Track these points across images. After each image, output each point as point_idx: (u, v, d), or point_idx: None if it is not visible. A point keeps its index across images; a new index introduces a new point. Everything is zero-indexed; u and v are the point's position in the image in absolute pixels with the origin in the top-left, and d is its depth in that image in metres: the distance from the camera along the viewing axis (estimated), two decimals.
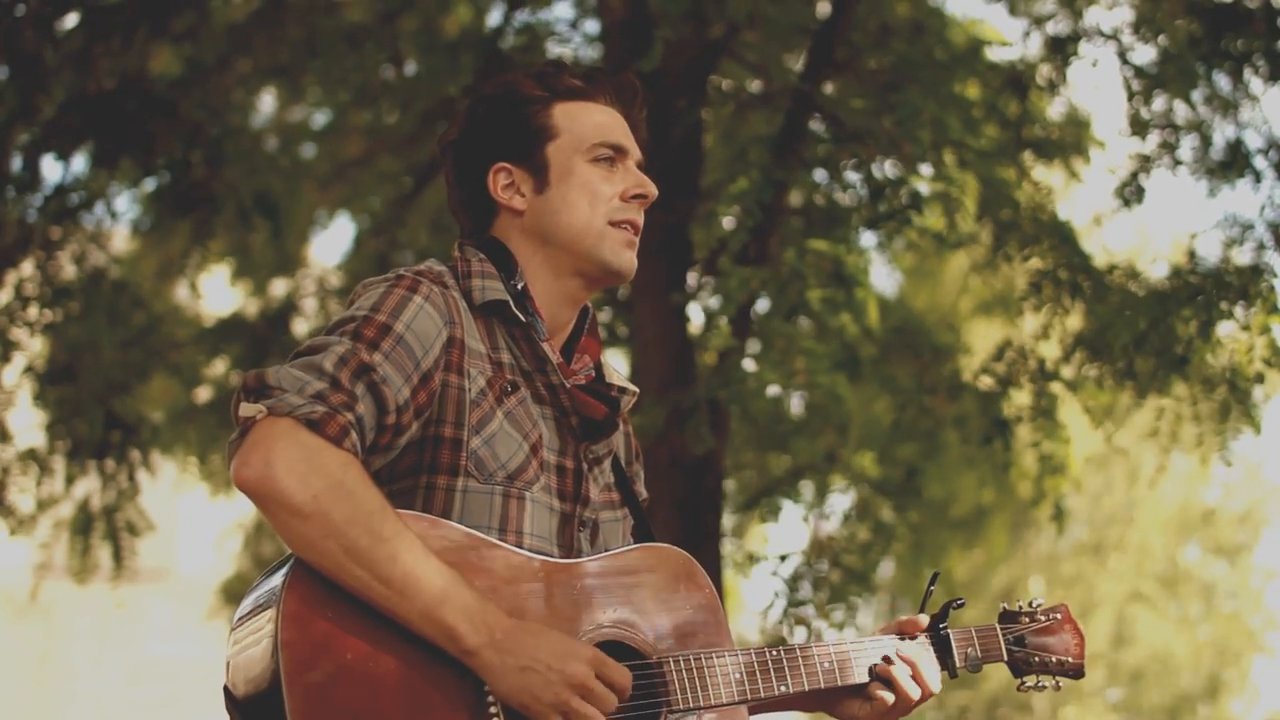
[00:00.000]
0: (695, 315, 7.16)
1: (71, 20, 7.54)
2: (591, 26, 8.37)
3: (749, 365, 6.47)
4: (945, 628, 2.60)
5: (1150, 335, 5.54)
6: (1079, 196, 8.23)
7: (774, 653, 2.41)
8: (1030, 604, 2.74)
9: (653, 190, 2.48)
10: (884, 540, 7.65)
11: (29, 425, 7.69)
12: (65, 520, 7.75)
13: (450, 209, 2.57)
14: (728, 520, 7.92)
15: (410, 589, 2.08)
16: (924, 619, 2.61)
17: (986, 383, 6.41)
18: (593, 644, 2.23)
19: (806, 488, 7.99)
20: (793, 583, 7.10)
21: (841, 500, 8.15)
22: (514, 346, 2.39)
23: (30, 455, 7.43)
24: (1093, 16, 6.87)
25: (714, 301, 6.61)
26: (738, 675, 2.35)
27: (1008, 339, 6.45)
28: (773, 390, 6.66)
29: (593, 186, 2.43)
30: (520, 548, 2.27)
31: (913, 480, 7.25)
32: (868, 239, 6.83)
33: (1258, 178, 6.07)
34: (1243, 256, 5.94)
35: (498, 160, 2.45)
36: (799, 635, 6.95)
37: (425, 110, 8.05)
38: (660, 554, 2.42)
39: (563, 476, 2.39)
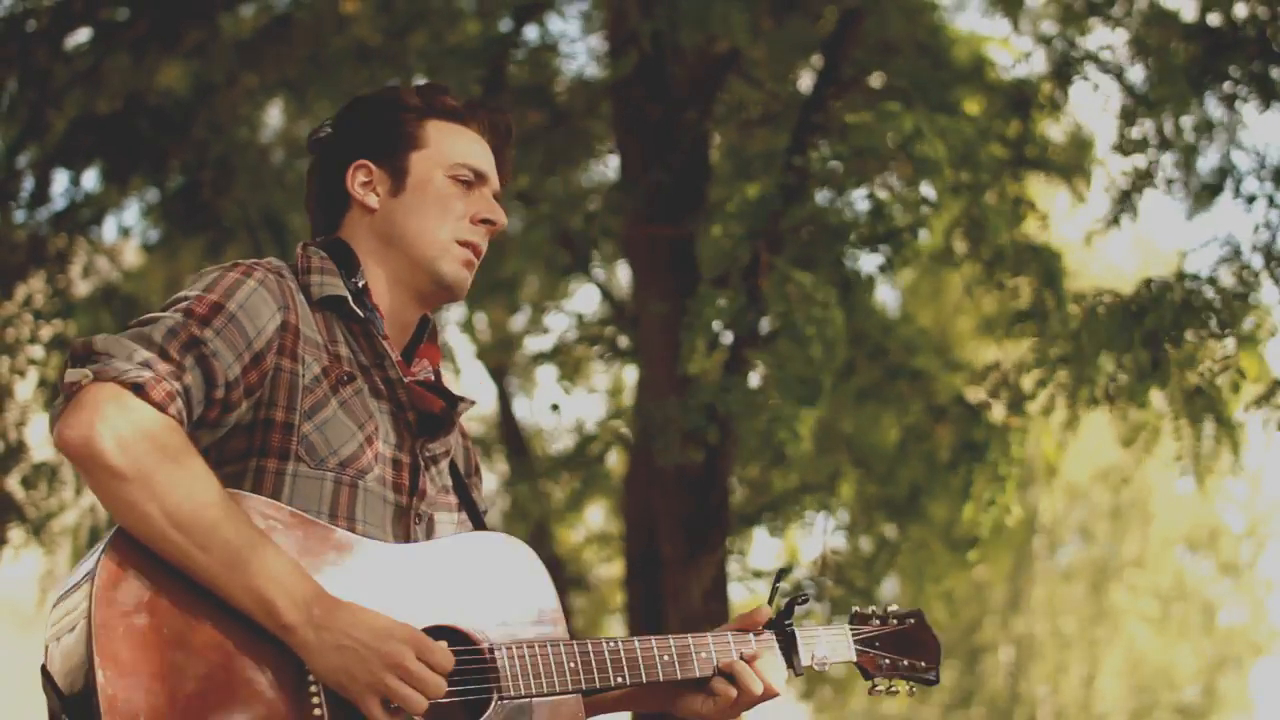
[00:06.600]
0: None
1: (82, 35, 7.59)
2: (594, 41, 8.47)
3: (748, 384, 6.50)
4: (791, 624, 2.57)
5: (1119, 342, 5.55)
6: (1077, 216, 8.25)
7: (611, 644, 2.38)
8: (884, 608, 2.73)
9: (503, 220, 2.50)
10: (888, 555, 7.67)
11: (41, 441, 7.73)
12: (69, 528, 7.79)
13: (305, 206, 2.60)
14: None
15: (230, 559, 2.05)
16: (767, 611, 2.57)
17: (978, 397, 6.44)
18: (422, 628, 2.19)
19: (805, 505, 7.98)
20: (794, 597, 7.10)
21: (830, 519, 8.15)
22: (352, 341, 2.39)
23: (42, 468, 7.47)
24: (1093, 39, 6.91)
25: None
26: (572, 665, 2.32)
27: (996, 362, 6.47)
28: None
29: (446, 201, 2.46)
30: (352, 533, 2.26)
31: (915, 500, 7.27)
32: (868, 260, 6.83)
33: (1250, 200, 6.09)
34: (1231, 278, 5.94)
35: (361, 157, 2.47)
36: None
37: None
38: (496, 543, 2.40)
39: (398, 470, 2.37)
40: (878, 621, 2.71)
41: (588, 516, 12.05)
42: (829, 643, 2.63)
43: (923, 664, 2.70)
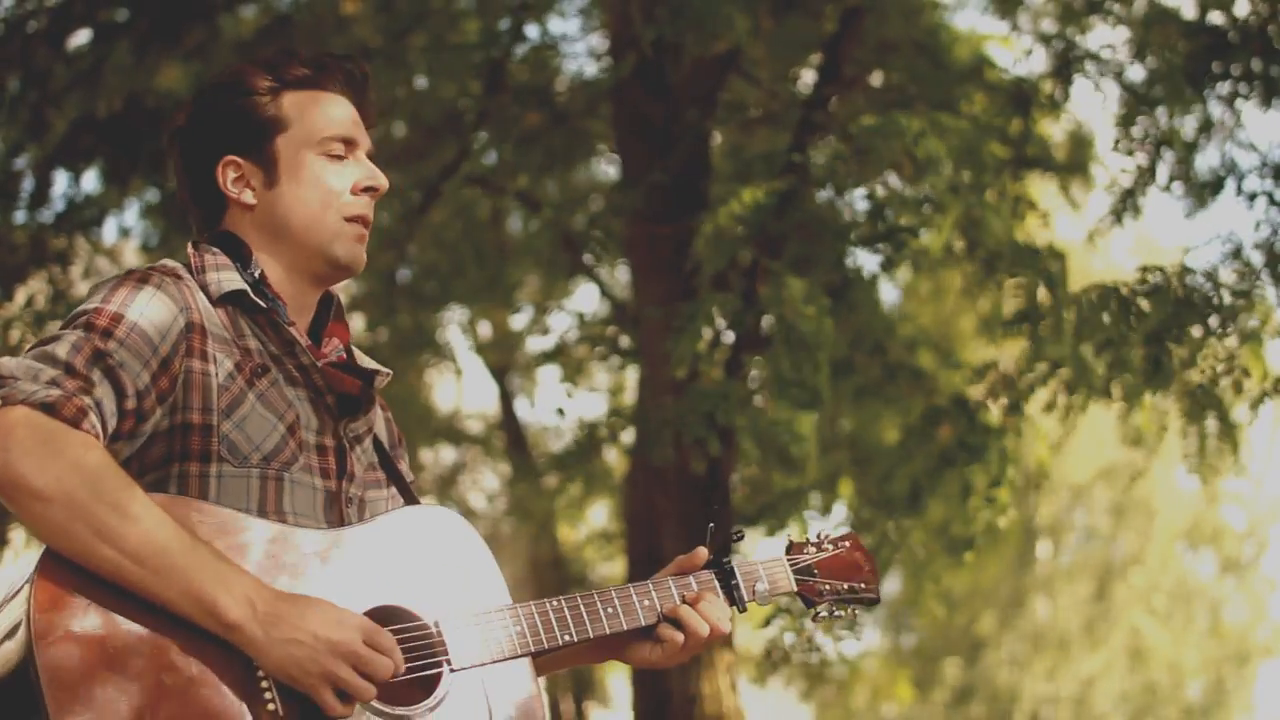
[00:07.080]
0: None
1: (83, 36, 7.60)
2: (594, 40, 8.47)
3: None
4: (729, 561, 2.57)
5: (1116, 340, 5.55)
6: (1080, 215, 8.25)
7: (554, 604, 2.38)
8: (819, 535, 2.72)
9: (383, 182, 2.47)
10: (888, 554, 7.67)
11: None
12: None
13: (179, 202, 2.54)
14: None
15: (165, 566, 2.02)
16: (704, 552, 2.57)
17: (977, 393, 6.44)
18: (364, 610, 2.18)
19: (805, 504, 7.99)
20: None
21: (830, 519, 8.15)
22: (260, 333, 2.36)
23: None
24: (1094, 38, 6.91)
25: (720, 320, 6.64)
26: (518, 629, 2.32)
27: (994, 361, 6.47)
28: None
29: (324, 182, 2.41)
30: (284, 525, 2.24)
31: (917, 499, 7.28)
32: (869, 260, 6.84)
33: (1251, 199, 6.08)
34: (1231, 275, 5.94)
35: (227, 153, 2.42)
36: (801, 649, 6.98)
37: (433, 125, 8.10)
38: (428, 515, 2.39)
39: (324, 455, 2.36)
40: (814, 549, 2.70)
41: (590, 515, 12.06)
42: (768, 575, 2.62)
43: (862, 585, 2.69)
